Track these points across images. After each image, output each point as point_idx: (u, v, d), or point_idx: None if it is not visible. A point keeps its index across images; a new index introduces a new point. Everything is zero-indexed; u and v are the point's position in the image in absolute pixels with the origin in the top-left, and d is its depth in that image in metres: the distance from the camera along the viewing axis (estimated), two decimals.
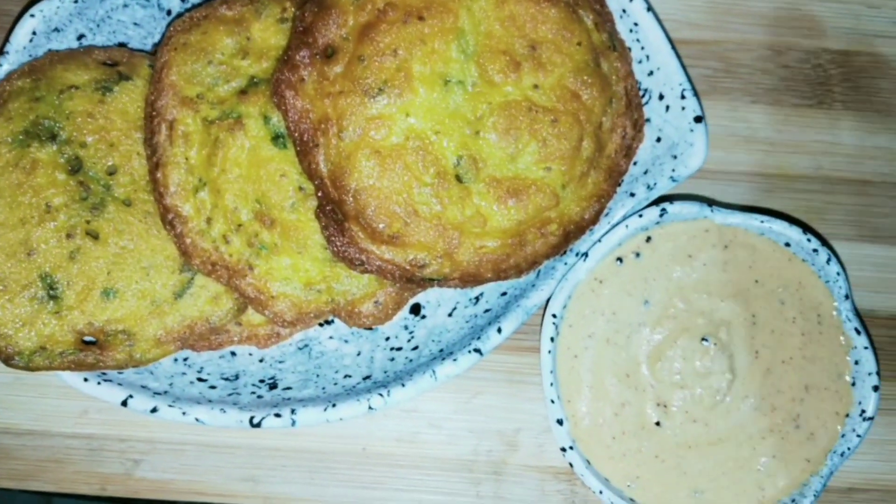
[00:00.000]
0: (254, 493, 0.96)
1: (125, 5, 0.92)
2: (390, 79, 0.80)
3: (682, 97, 0.89)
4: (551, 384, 0.89)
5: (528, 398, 0.97)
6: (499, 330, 0.89)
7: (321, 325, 0.94)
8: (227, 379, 0.92)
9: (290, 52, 0.82)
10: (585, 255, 0.89)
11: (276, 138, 0.85)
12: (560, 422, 0.89)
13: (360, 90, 0.80)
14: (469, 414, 0.97)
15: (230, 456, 0.96)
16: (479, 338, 0.89)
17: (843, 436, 0.89)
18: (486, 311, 0.92)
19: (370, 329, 0.94)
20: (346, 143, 0.81)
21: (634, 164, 0.91)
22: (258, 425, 0.87)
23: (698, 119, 0.89)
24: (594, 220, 0.89)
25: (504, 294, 0.92)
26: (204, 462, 0.96)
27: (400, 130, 0.81)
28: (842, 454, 0.89)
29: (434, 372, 0.88)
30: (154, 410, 0.87)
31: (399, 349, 0.93)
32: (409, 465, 0.97)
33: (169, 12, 0.94)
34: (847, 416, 0.90)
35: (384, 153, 0.81)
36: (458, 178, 0.82)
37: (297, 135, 0.82)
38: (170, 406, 0.88)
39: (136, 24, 0.93)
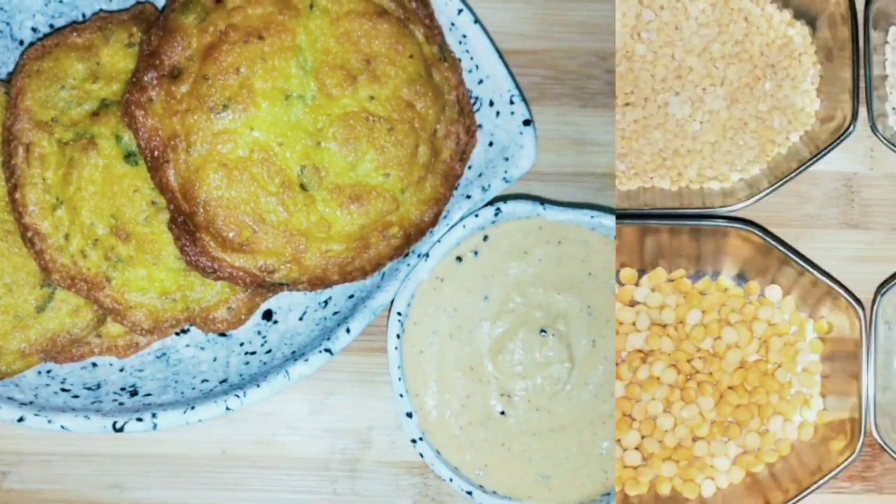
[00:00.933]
0: (119, 500, 0.98)
1: None
2: (234, 96, 0.85)
3: (511, 102, 0.95)
4: (399, 379, 0.92)
5: (380, 397, 1.00)
6: (347, 330, 0.92)
7: (178, 334, 0.97)
8: (89, 388, 0.94)
9: (139, 74, 0.87)
10: (426, 255, 0.93)
11: (128, 156, 0.89)
12: (409, 415, 0.92)
13: (206, 107, 0.85)
14: (323, 414, 1.00)
15: (96, 465, 0.98)
16: (328, 339, 0.92)
17: None
18: (335, 313, 0.96)
19: (225, 335, 0.97)
20: (194, 157, 0.85)
21: (469, 167, 0.96)
22: (121, 430, 0.89)
23: (527, 122, 0.94)
24: (433, 222, 0.93)
25: (351, 296, 0.96)
26: (71, 471, 0.98)
27: (245, 144, 0.86)
28: None
29: (287, 372, 0.91)
30: (21, 420, 0.89)
31: (253, 353, 0.96)
32: (268, 465, 0.99)
33: (21, 42, 0.98)
34: None
35: (231, 166, 0.85)
36: (303, 187, 0.87)
37: (147, 152, 0.86)
38: (35, 415, 0.90)
39: None
